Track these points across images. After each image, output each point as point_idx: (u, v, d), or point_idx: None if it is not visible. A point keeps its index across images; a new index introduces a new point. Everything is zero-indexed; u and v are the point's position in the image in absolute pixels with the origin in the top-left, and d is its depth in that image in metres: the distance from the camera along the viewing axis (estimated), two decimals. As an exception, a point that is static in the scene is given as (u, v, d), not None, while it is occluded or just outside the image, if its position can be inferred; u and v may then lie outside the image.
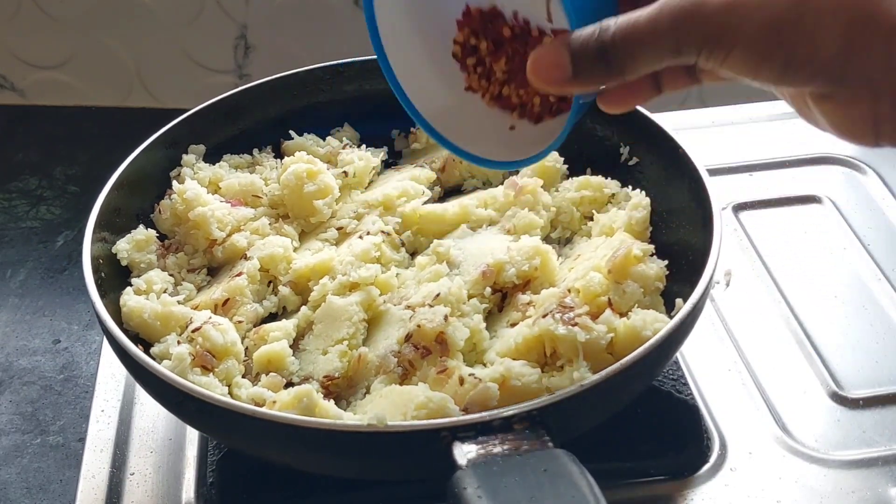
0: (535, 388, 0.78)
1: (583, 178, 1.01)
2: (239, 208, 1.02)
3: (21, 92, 1.63)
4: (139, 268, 0.95)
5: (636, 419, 0.88)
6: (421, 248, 1.00)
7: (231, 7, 1.56)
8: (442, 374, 0.81)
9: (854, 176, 1.20)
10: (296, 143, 1.10)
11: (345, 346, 0.87)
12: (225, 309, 0.92)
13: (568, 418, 0.73)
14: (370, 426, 0.70)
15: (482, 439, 0.69)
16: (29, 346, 1.08)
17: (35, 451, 0.95)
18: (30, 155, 1.45)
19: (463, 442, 0.69)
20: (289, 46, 1.61)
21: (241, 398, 0.83)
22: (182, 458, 0.91)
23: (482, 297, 0.91)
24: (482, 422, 0.70)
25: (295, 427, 0.72)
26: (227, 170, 1.07)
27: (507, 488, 0.64)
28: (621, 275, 0.87)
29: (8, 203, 1.33)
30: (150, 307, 0.88)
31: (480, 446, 0.68)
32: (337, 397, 0.85)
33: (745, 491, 0.85)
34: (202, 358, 0.84)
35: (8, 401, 1.01)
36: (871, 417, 0.92)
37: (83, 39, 1.58)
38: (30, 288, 1.17)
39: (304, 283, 0.95)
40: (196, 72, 1.63)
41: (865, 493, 0.85)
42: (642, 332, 0.79)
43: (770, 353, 0.98)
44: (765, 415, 0.92)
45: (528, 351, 0.83)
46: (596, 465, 0.84)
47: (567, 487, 0.64)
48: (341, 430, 0.72)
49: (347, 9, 1.58)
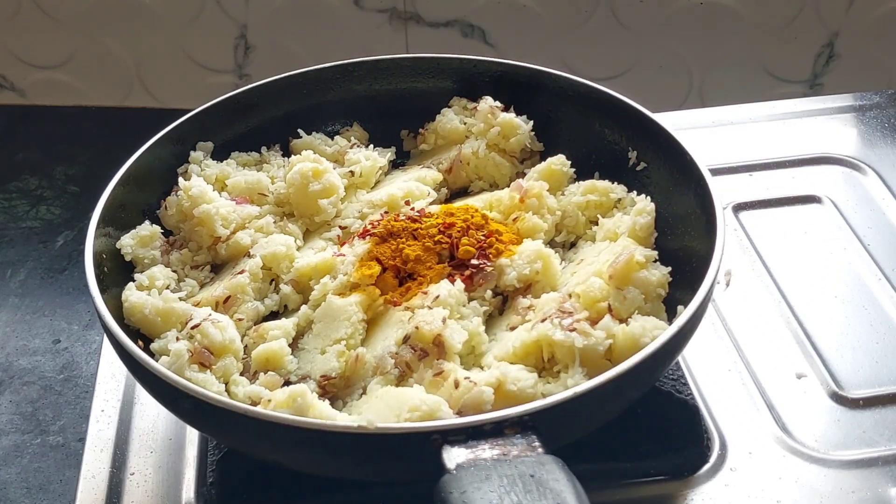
0: (531, 392, 0.78)
1: (589, 183, 1.01)
2: (244, 206, 1.02)
3: (21, 92, 1.63)
4: (143, 263, 0.95)
5: (636, 419, 0.88)
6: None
7: (231, 7, 1.56)
8: (438, 376, 0.81)
9: (854, 176, 1.20)
10: (304, 141, 1.10)
11: (342, 346, 0.87)
12: (226, 306, 0.92)
13: (560, 424, 0.73)
14: (360, 427, 0.70)
15: (472, 443, 0.68)
16: (29, 346, 1.08)
17: (35, 451, 0.95)
18: (30, 155, 1.45)
19: (453, 445, 0.68)
20: (289, 46, 1.61)
21: (238, 396, 0.83)
22: (182, 458, 0.91)
23: (482, 299, 0.91)
24: (473, 426, 0.70)
25: (286, 427, 0.72)
26: (234, 167, 1.07)
27: (492, 494, 0.63)
28: (622, 281, 0.87)
29: (8, 203, 1.33)
30: (151, 303, 0.88)
31: (470, 450, 0.68)
32: (334, 397, 0.85)
33: (745, 491, 0.85)
34: (200, 355, 0.84)
35: (8, 401, 1.01)
36: (871, 417, 0.92)
37: (83, 39, 1.59)
38: (30, 288, 1.17)
39: (306, 282, 0.95)
40: (196, 71, 1.63)
41: (865, 493, 0.85)
42: (641, 338, 0.79)
43: (770, 353, 0.98)
44: (765, 415, 0.92)
45: (526, 355, 0.83)
46: (596, 466, 0.85)
47: (553, 494, 0.63)
48: (332, 430, 0.71)
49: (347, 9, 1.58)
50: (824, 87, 1.73)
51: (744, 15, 1.64)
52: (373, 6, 1.57)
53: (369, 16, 1.58)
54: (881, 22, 1.65)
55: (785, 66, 1.71)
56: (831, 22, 1.64)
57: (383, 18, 1.58)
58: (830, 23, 1.64)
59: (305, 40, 1.60)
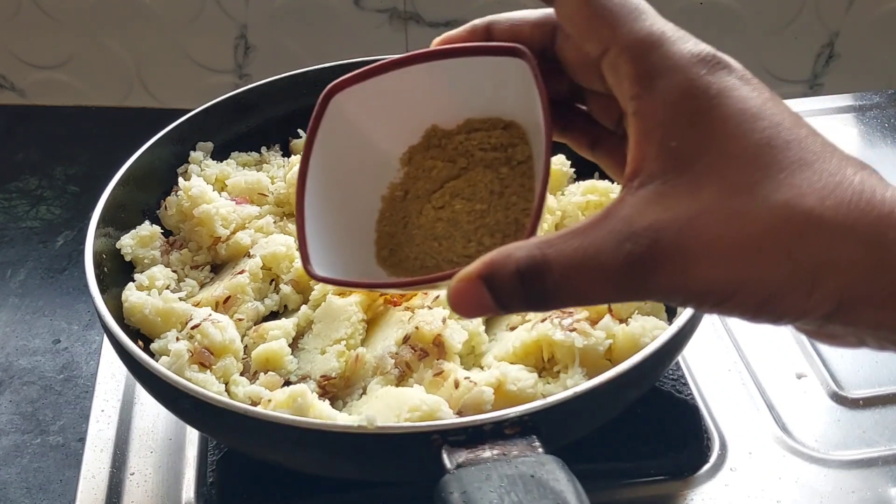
0: (531, 393, 0.78)
1: (589, 183, 1.01)
2: (244, 206, 1.02)
3: (21, 92, 1.63)
4: (143, 263, 0.95)
5: (636, 419, 0.88)
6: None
7: (231, 7, 1.56)
8: (438, 376, 0.81)
9: (854, 176, 1.20)
10: (304, 141, 1.10)
11: (342, 346, 0.87)
12: (226, 306, 0.92)
13: (560, 424, 0.73)
14: (360, 427, 0.70)
15: (472, 443, 0.68)
16: (29, 346, 1.08)
17: (35, 451, 0.95)
18: (30, 155, 1.44)
19: (453, 445, 0.68)
20: (289, 46, 1.61)
21: (238, 396, 0.83)
22: (182, 458, 0.91)
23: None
24: (473, 426, 0.70)
25: (286, 427, 0.72)
26: (234, 167, 1.07)
27: (493, 494, 0.63)
28: (622, 280, 0.86)
29: (8, 203, 1.33)
30: (151, 303, 0.88)
31: (470, 451, 0.68)
32: (334, 397, 0.85)
33: (745, 491, 0.85)
34: (200, 355, 0.84)
35: (8, 401, 1.01)
36: (871, 417, 0.92)
37: (83, 39, 1.58)
38: (30, 288, 1.16)
39: (306, 282, 0.95)
40: (196, 72, 1.63)
41: (865, 493, 0.85)
42: (641, 338, 0.79)
43: (770, 353, 0.98)
44: (765, 415, 0.92)
45: (526, 355, 0.83)
46: (596, 466, 0.85)
47: (553, 494, 0.63)
48: (332, 430, 0.71)
49: (347, 9, 1.58)
50: (824, 87, 1.73)
51: (744, 15, 1.64)
52: (373, 6, 1.57)
53: (369, 16, 1.58)
54: (881, 22, 1.64)
55: (785, 66, 1.70)
56: (831, 22, 1.64)
57: (383, 18, 1.58)
58: (830, 23, 1.64)
59: (305, 40, 1.60)
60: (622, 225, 0.48)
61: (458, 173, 0.65)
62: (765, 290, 0.47)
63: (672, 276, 0.47)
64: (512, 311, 0.52)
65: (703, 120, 0.49)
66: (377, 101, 0.64)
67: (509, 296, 0.50)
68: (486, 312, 0.52)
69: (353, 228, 0.66)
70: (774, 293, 0.47)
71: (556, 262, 0.49)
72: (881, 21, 1.66)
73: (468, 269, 0.51)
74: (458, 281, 0.51)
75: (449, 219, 0.64)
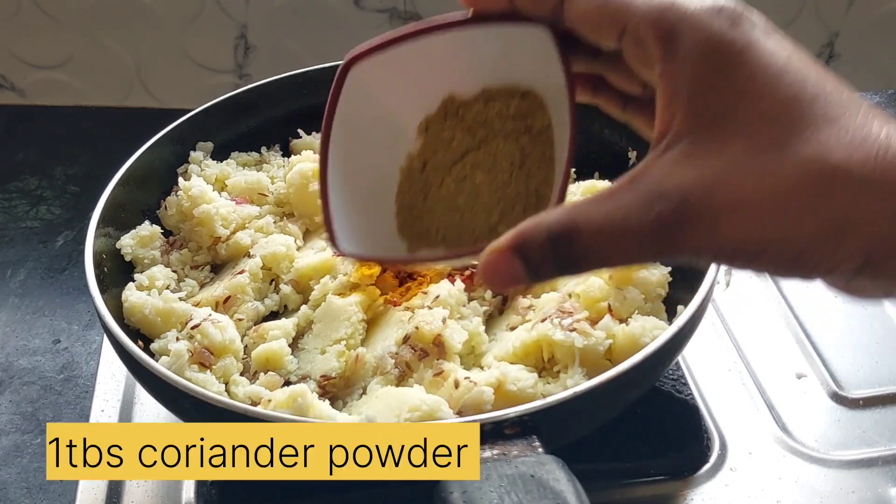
0: (531, 393, 0.78)
1: (589, 183, 1.01)
2: (244, 206, 1.02)
3: (21, 92, 1.63)
4: (143, 263, 0.96)
5: (636, 419, 0.88)
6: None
7: (231, 7, 1.56)
8: (438, 376, 0.81)
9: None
10: (304, 141, 1.10)
11: (342, 346, 0.87)
12: (226, 306, 0.92)
13: (560, 424, 0.73)
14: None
15: None
16: (29, 346, 1.08)
17: (35, 451, 0.95)
18: (30, 155, 1.44)
19: None
20: (289, 46, 1.61)
21: (238, 396, 0.83)
22: (182, 458, 0.91)
23: (482, 299, 0.90)
24: None
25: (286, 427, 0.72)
26: (234, 167, 1.07)
27: (493, 494, 0.63)
28: (622, 280, 0.87)
29: (8, 203, 1.33)
30: (151, 303, 0.88)
31: None
32: (334, 397, 0.85)
33: (745, 491, 0.85)
34: (200, 355, 0.84)
35: (8, 401, 1.00)
36: (871, 417, 0.92)
37: (83, 39, 1.58)
38: (30, 288, 1.16)
39: (306, 282, 0.95)
40: (196, 72, 1.62)
41: (865, 493, 0.85)
42: (641, 338, 0.79)
43: (770, 353, 0.98)
44: (765, 415, 0.92)
45: (526, 355, 0.83)
46: (596, 466, 0.85)
47: (553, 494, 0.63)
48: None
49: (347, 9, 1.58)
50: (824, 87, 1.73)
51: (744, 15, 1.64)
52: (373, 6, 1.57)
53: (369, 16, 1.58)
54: (881, 22, 1.64)
55: (785, 66, 1.70)
56: (831, 22, 1.64)
57: (383, 18, 1.58)
58: (830, 23, 1.64)
59: (305, 40, 1.60)
60: (651, 186, 0.49)
61: (477, 144, 0.65)
62: (794, 248, 0.47)
63: (701, 235, 0.48)
64: (543, 278, 0.53)
65: (729, 77, 0.49)
66: (395, 70, 0.64)
67: (540, 263, 0.51)
68: (518, 283, 0.53)
69: (374, 202, 0.66)
70: (804, 250, 0.47)
71: (586, 226, 0.50)
72: (881, 21, 1.65)
73: (499, 241, 0.52)
74: (489, 254, 0.52)
75: (470, 191, 0.64)
